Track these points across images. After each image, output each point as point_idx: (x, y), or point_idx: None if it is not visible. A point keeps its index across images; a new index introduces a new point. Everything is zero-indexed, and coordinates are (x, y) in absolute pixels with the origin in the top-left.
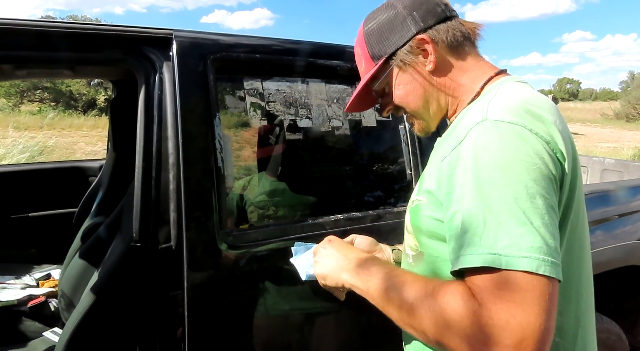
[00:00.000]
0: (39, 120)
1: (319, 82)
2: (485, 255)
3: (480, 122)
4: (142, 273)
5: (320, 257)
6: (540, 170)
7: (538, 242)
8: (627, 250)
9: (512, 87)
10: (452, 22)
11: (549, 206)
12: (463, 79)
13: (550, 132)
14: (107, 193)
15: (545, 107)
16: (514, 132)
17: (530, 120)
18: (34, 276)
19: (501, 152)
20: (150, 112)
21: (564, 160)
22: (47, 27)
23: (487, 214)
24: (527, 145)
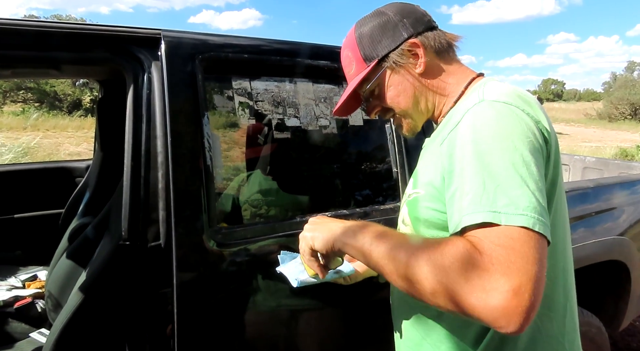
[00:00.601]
0: (22, 121)
1: (307, 81)
2: (486, 213)
3: (477, 103)
4: (131, 272)
5: (310, 226)
6: (533, 144)
7: (533, 202)
8: (606, 245)
9: (496, 84)
10: (437, 31)
11: (540, 175)
12: (449, 80)
13: (537, 115)
14: (94, 194)
15: (530, 98)
16: (510, 110)
17: (521, 102)
18: (19, 278)
19: (498, 125)
20: (138, 111)
21: (549, 140)
22: (35, 27)
23: (487, 178)
24: (521, 122)
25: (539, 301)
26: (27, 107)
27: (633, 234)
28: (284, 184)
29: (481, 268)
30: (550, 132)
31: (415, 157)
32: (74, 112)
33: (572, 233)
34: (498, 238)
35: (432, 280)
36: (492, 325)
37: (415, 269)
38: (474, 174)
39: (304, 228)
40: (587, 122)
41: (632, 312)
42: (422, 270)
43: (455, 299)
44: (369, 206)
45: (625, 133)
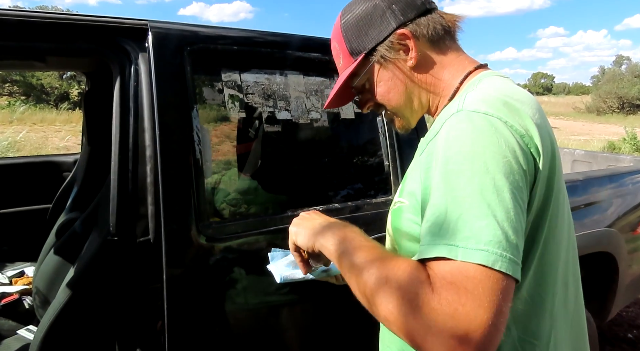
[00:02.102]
0: (8, 115)
1: (298, 74)
2: (443, 246)
3: (455, 113)
4: (120, 267)
5: (296, 221)
6: (510, 164)
7: (499, 236)
8: (595, 237)
9: (492, 81)
10: (432, 14)
11: (516, 201)
12: (444, 74)
13: (526, 126)
14: (82, 188)
15: (524, 101)
16: (488, 123)
17: (505, 112)
18: (6, 274)
19: (472, 143)
20: (125, 104)
21: (538, 156)
22: (18, 17)
23: (451, 204)
24: (499, 137)
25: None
26: (13, 100)
27: (621, 226)
28: (274, 178)
29: (429, 308)
30: (542, 145)
31: (407, 150)
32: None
33: None
34: (452, 275)
35: (385, 309)
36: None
37: (374, 293)
38: (439, 198)
39: (292, 222)
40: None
41: (619, 302)
42: (379, 296)
43: (404, 333)
44: (360, 200)
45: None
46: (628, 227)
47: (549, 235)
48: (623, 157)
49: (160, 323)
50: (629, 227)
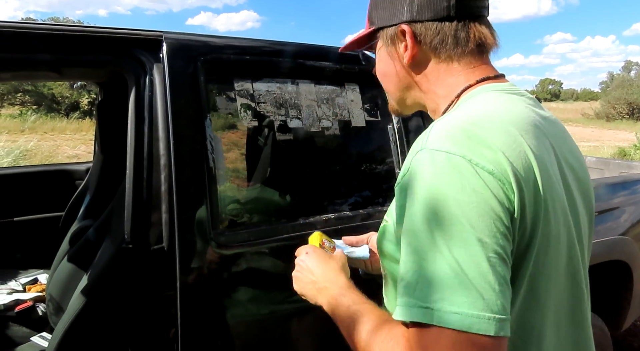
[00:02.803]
0: (20, 124)
1: (309, 83)
2: (417, 309)
3: (419, 151)
4: (134, 275)
5: (298, 271)
6: (479, 209)
7: (472, 296)
8: (609, 245)
9: (481, 99)
10: (452, 23)
11: (489, 251)
12: (442, 85)
13: (496, 160)
14: (94, 196)
15: (501, 126)
16: (450, 166)
17: (471, 147)
18: (20, 281)
19: (435, 191)
20: (140, 113)
21: (513, 192)
22: (36, 29)
23: (422, 263)
24: (463, 181)
25: None
26: (24, 109)
27: (635, 234)
28: (287, 186)
29: None
30: (522, 177)
31: None
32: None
33: None
34: (430, 344)
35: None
36: None
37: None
38: (411, 253)
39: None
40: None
41: (634, 312)
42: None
43: None
44: (371, 207)
45: (623, 133)
46: None
47: (535, 273)
48: (636, 163)
49: (173, 330)
50: None
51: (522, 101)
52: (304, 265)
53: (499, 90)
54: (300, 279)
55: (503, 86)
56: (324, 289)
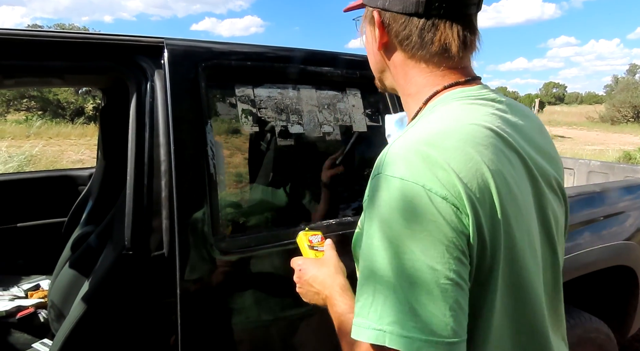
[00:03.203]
0: (25, 130)
1: (310, 88)
2: (371, 331)
3: (376, 176)
4: (135, 281)
5: (300, 287)
6: (432, 239)
7: (421, 321)
8: (613, 250)
9: (443, 113)
10: (419, 20)
11: (440, 277)
12: (412, 80)
13: (451, 183)
14: (97, 202)
15: (457, 146)
16: (404, 194)
17: (424, 173)
18: (22, 287)
19: (390, 219)
20: (142, 119)
21: (468, 216)
22: (38, 37)
23: (376, 286)
24: (417, 210)
25: None
26: (30, 115)
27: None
28: (288, 191)
29: None
30: (477, 199)
31: None
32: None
33: (579, 238)
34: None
35: None
36: None
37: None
38: (367, 277)
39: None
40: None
41: None
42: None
43: None
44: None
45: (628, 136)
46: None
47: (504, 290)
48: None
49: (173, 337)
50: None
51: (487, 108)
52: (303, 280)
53: (464, 98)
54: (304, 294)
55: (470, 92)
56: (327, 298)
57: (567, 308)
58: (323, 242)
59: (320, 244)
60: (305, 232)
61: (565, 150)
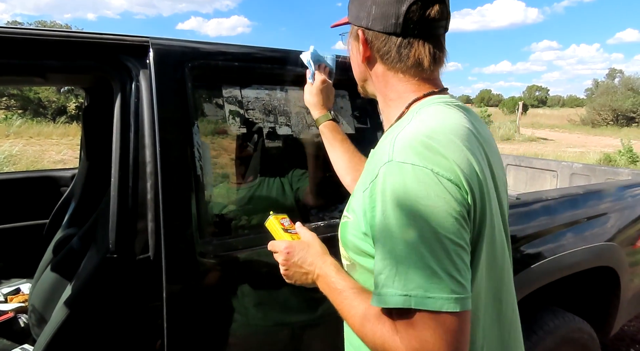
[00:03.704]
0: (5, 129)
1: (298, 89)
2: (398, 297)
3: (387, 163)
4: (119, 285)
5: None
6: (443, 212)
7: (442, 282)
8: (595, 251)
9: (430, 112)
10: (397, 38)
11: (454, 245)
12: (393, 88)
13: (451, 168)
14: (79, 204)
15: (450, 139)
16: (416, 177)
17: (431, 158)
18: (1, 291)
19: (406, 198)
20: (126, 120)
21: (467, 193)
22: (20, 34)
23: (399, 258)
24: (429, 189)
25: None
26: (10, 114)
27: (622, 240)
28: (275, 193)
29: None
30: (471, 179)
31: None
32: (58, 118)
33: (562, 239)
34: (412, 324)
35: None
36: None
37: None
38: (388, 252)
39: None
40: (571, 128)
41: (622, 317)
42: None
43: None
44: None
45: (608, 139)
46: (628, 241)
47: (485, 259)
48: (621, 170)
49: (159, 342)
50: (629, 240)
51: (460, 112)
52: (291, 263)
53: (443, 103)
54: (292, 276)
55: (445, 99)
56: (318, 277)
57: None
58: (293, 224)
59: (292, 226)
60: (274, 216)
61: (548, 153)
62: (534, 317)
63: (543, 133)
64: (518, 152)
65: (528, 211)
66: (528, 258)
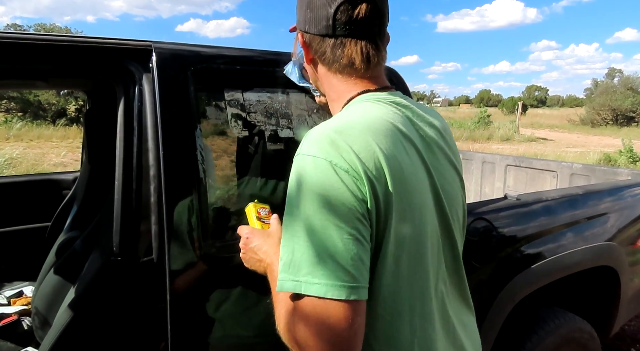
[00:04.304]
0: (5, 132)
1: (299, 92)
2: (290, 282)
3: (296, 156)
4: (123, 287)
5: (244, 253)
6: (337, 202)
7: (328, 269)
8: (595, 251)
9: (353, 109)
10: (330, 40)
11: (343, 233)
12: (334, 87)
13: (352, 160)
14: (82, 207)
15: (359, 133)
16: (315, 168)
17: (331, 152)
18: (4, 294)
19: (303, 187)
20: (130, 124)
21: (365, 186)
22: (27, 39)
23: (295, 245)
24: (324, 179)
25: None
26: (10, 117)
27: (621, 239)
28: (277, 196)
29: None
30: (373, 174)
31: None
32: (58, 121)
33: (562, 239)
34: (302, 310)
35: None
36: None
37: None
38: (286, 239)
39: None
40: (571, 128)
41: (622, 317)
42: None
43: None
44: None
45: (607, 139)
46: (628, 241)
47: (397, 251)
48: (621, 170)
49: (163, 344)
50: (628, 240)
51: (392, 107)
52: (248, 248)
53: (372, 100)
54: (247, 260)
55: (379, 96)
56: (268, 266)
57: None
58: (270, 215)
59: (268, 217)
60: (254, 203)
61: (548, 153)
62: (535, 317)
63: (543, 134)
64: (518, 152)
65: (528, 211)
66: (528, 258)
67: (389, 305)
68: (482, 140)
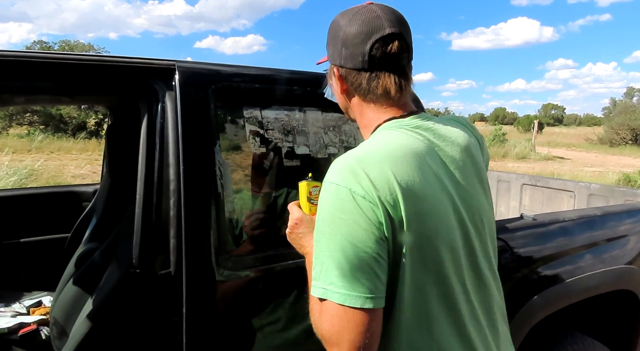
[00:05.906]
0: (27, 144)
1: (316, 110)
2: (320, 289)
3: (324, 181)
4: (141, 300)
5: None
6: (353, 223)
7: (347, 281)
8: (615, 274)
9: (378, 136)
10: (366, 73)
11: (359, 251)
12: (365, 116)
13: (369, 188)
14: (101, 219)
15: (378, 161)
16: (336, 194)
17: (352, 180)
18: (24, 304)
19: (327, 211)
20: (152, 139)
21: (380, 209)
22: (54, 59)
23: (323, 258)
24: (345, 205)
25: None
26: (32, 129)
27: None
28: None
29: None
30: (391, 199)
31: None
32: (78, 134)
33: (580, 261)
34: (328, 311)
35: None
36: None
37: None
38: (317, 253)
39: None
40: (589, 147)
41: None
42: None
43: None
44: None
45: (627, 159)
46: None
47: (416, 269)
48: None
49: None
50: None
51: (414, 134)
52: (294, 233)
53: (396, 128)
54: (292, 241)
55: (402, 123)
56: (307, 254)
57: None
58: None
59: (317, 198)
60: (308, 181)
61: (565, 172)
62: (553, 341)
63: (560, 152)
64: (534, 171)
65: (545, 232)
66: (545, 280)
67: (408, 316)
68: (497, 157)
